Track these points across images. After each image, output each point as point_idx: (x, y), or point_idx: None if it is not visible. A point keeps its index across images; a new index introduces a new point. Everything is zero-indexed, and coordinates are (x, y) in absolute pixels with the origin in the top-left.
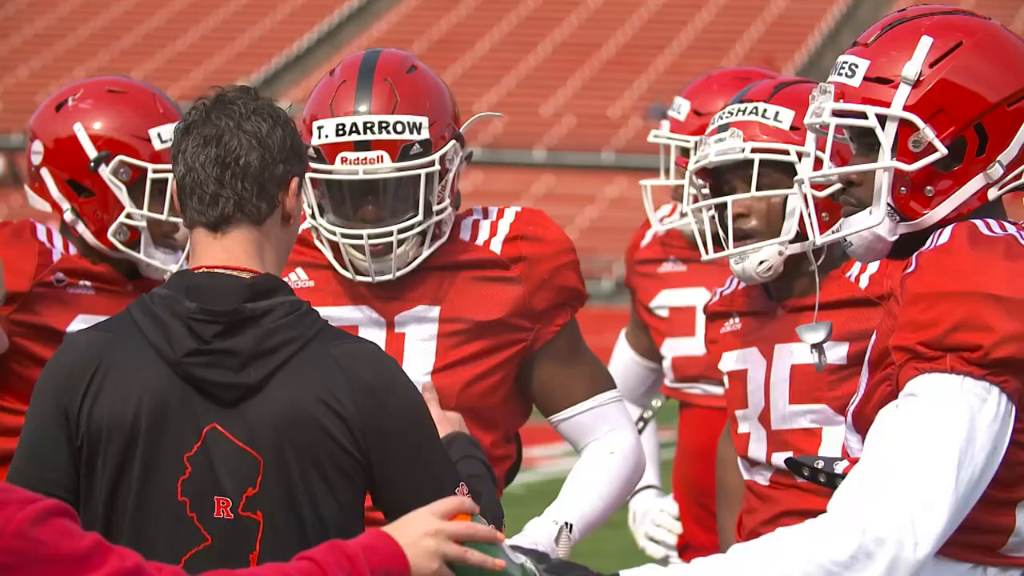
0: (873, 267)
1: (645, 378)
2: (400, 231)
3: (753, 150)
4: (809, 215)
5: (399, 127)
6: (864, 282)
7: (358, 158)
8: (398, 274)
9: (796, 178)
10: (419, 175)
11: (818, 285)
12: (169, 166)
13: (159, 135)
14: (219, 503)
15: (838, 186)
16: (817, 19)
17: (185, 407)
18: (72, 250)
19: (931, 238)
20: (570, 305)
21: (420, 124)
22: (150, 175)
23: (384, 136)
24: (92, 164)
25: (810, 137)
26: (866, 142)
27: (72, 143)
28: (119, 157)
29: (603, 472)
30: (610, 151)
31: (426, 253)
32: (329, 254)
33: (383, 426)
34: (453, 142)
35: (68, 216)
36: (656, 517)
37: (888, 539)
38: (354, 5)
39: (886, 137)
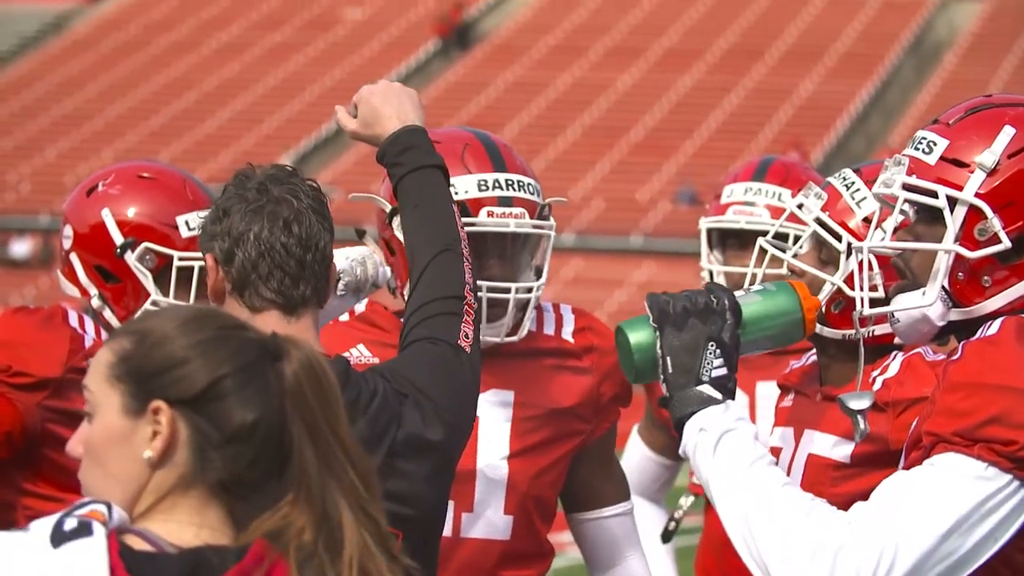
0: (892, 371)
1: (660, 475)
2: (525, 290)
3: (816, 219)
4: (860, 285)
5: (531, 188)
6: (878, 384)
7: (504, 212)
8: (506, 340)
9: (855, 244)
10: (549, 236)
11: (861, 362)
12: (196, 253)
13: (187, 222)
14: None
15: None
16: (845, 103)
17: None
18: (104, 335)
19: (981, 329)
20: (622, 403)
21: (540, 191)
22: (176, 262)
23: (523, 195)
24: (118, 251)
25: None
26: (930, 214)
27: (100, 229)
28: (145, 244)
29: None
30: (639, 235)
31: (526, 326)
32: None
33: (464, 402)
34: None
35: (95, 302)
36: None
37: (851, 567)
38: None
39: (953, 221)
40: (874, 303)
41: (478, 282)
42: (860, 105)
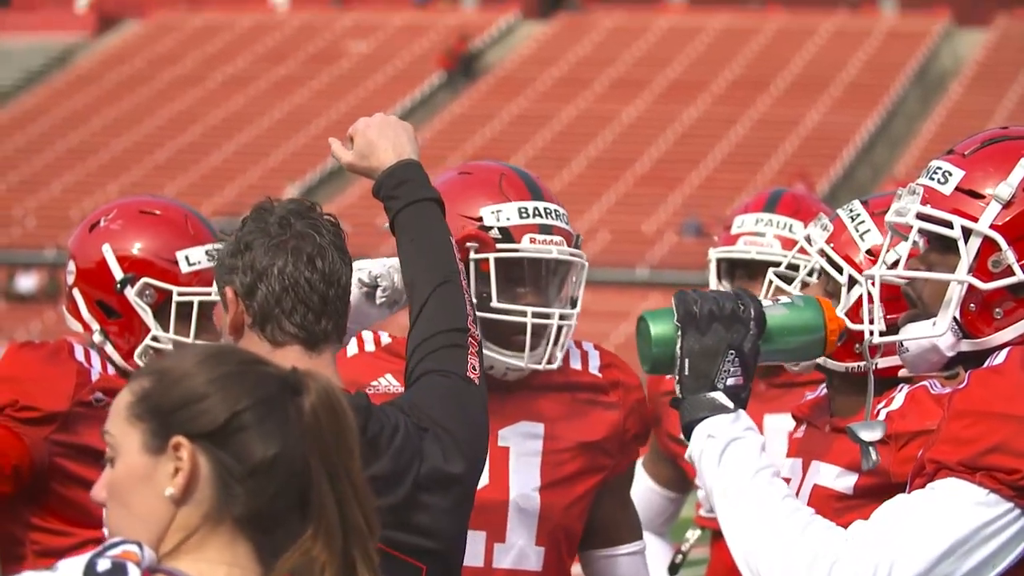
0: (896, 404)
1: (665, 508)
2: (565, 316)
3: (819, 251)
4: (871, 312)
5: (565, 218)
6: (881, 416)
7: (545, 240)
8: (545, 367)
9: (865, 273)
10: (584, 266)
11: (871, 392)
12: (195, 288)
13: (187, 257)
14: None
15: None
16: (851, 134)
17: None
18: (111, 369)
19: (989, 359)
20: (642, 442)
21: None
22: (175, 297)
23: (560, 223)
24: (118, 286)
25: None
26: (942, 243)
27: (101, 264)
28: (144, 279)
29: None
30: (645, 267)
31: (560, 354)
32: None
33: (480, 434)
34: None
35: (97, 337)
36: None
37: None
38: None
39: (967, 251)
40: (880, 334)
41: (523, 307)
42: (866, 135)
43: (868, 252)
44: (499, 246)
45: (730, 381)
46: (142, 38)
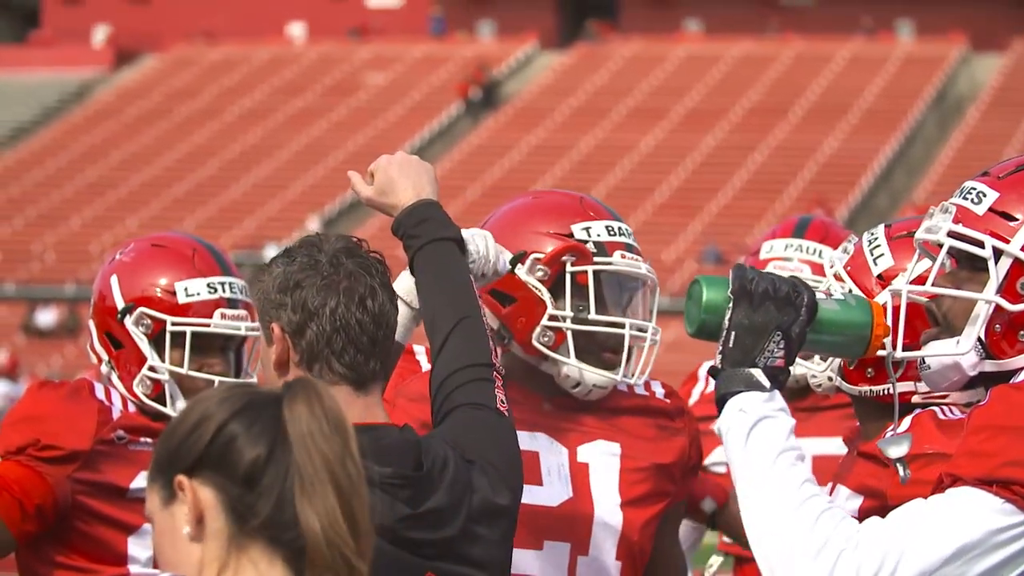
0: (902, 428)
1: (687, 536)
2: (655, 332)
3: (834, 274)
4: (896, 326)
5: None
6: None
7: (633, 257)
8: (637, 381)
9: (891, 288)
10: (657, 287)
11: (896, 407)
12: (189, 320)
13: (185, 289)
14: None
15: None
16: (869, 160)
17: (394, 566)
18: (131, 407)
19: (1012, 378)
20: (696, 472)
21: None
22: (168, 327)
23: (637, 245)
24: (119, 315)
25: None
26: (972, 263)
27: (108, 295)
28: (140, 309)
29: None
30: (665, 295)
31: (647, 372)
32: (573, 362)
33: (517, 465)
34: None
35: (104, 368)
36: None
37: (852, 567)
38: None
39: (996, 272)
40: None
41: (623, 319)
42: (884, 161)
43: (879, 276)
44: (602, 259)
45: (771, 362)
46: (159, 72)
